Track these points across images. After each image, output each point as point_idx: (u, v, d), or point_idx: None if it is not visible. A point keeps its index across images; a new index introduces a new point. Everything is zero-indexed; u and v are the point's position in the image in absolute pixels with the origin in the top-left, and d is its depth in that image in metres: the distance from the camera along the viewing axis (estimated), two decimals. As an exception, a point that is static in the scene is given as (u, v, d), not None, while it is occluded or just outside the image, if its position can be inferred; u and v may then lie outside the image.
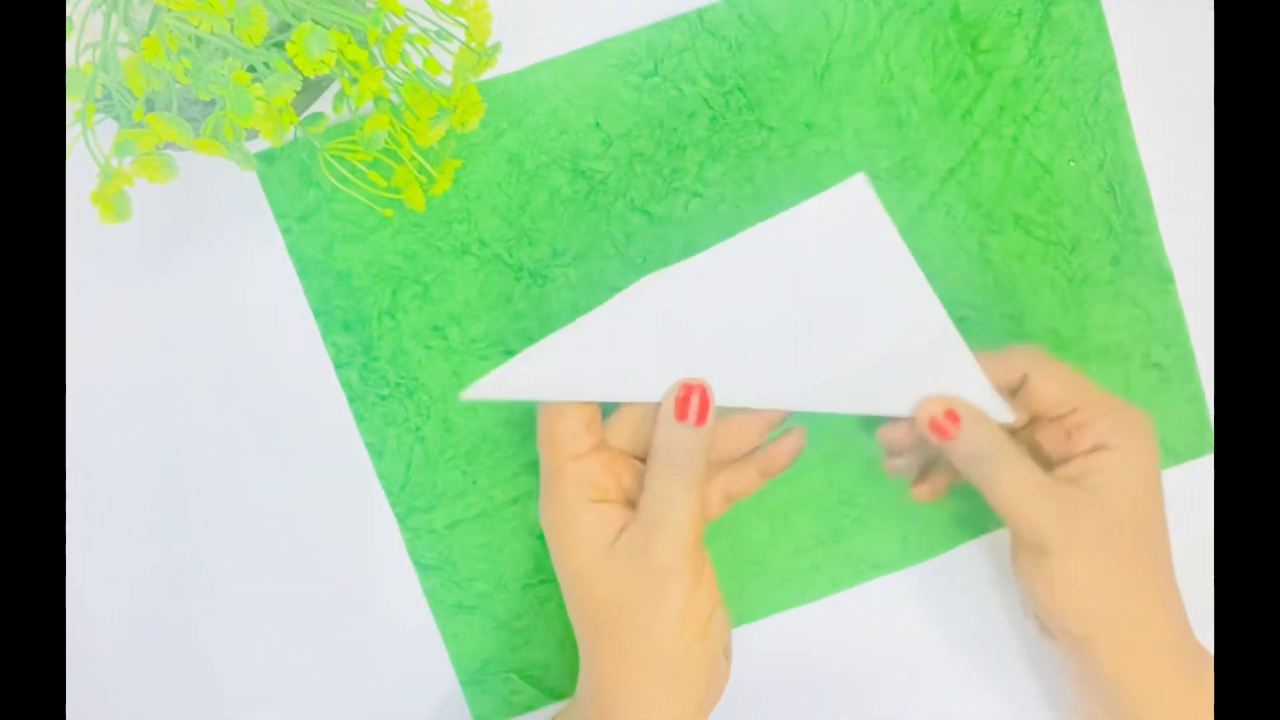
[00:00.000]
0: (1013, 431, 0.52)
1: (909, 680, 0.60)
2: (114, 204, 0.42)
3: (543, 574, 0.59)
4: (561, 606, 0.54)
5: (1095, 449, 0.51)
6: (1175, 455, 0.60)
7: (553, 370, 0.51)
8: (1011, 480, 0.50)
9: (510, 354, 0.57)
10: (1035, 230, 0.59)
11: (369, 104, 0.46)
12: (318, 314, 0.58)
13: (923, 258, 0.58)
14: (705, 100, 0.58)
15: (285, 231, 0.57)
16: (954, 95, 0.58)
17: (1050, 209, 0.59)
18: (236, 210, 0.57)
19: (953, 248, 0.59)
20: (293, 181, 0.57)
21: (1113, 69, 0.58)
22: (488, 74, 0.52)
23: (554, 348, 0.51)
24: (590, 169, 0.58)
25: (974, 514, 0.59)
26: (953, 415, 0.50)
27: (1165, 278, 0.60)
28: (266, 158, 0.56)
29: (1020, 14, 0.58)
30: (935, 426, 0.51)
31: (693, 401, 0.50)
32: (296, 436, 0.58)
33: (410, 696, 0.59)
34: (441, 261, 0.58)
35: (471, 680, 0.59)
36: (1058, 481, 0.51)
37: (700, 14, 0.57)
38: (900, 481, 0.59)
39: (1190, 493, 0.59)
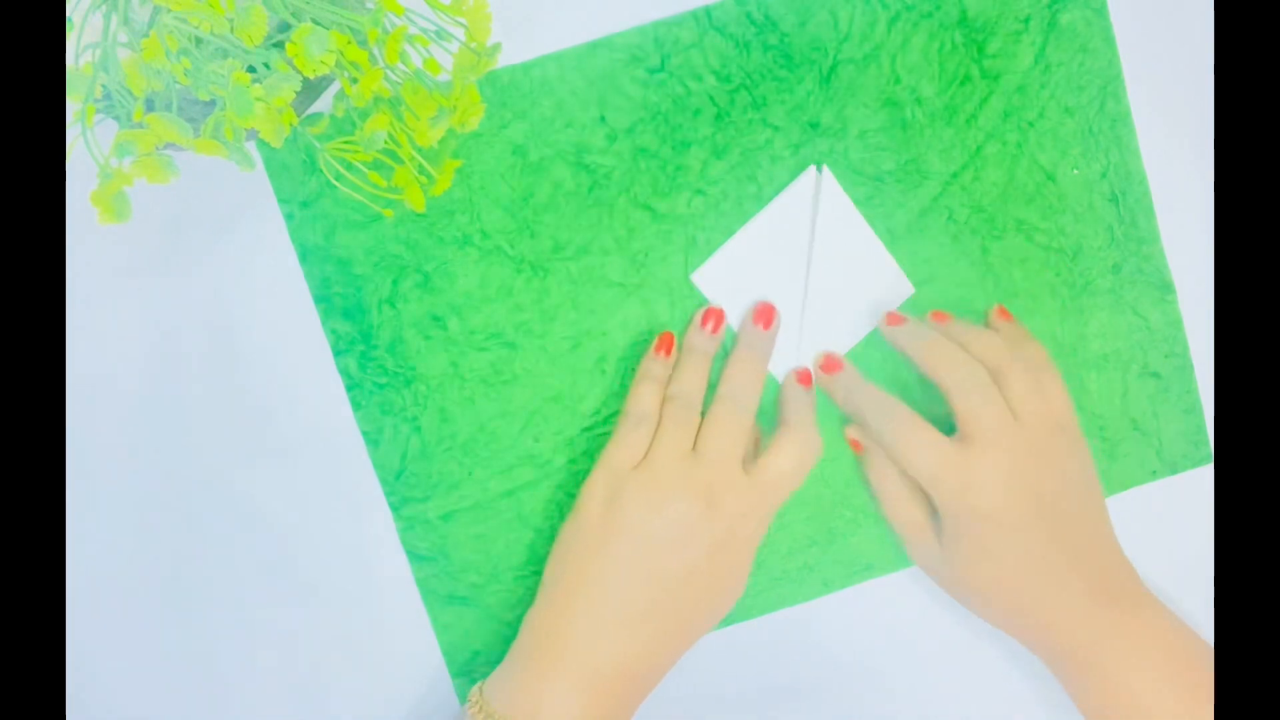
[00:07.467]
0: None
1: (897, 682, 0.61)
2: (114, 204, 0.42)
3: (535, 566, 0.59)
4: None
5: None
6: (1171, 465, 0.60)
7: None
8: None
9: (509, 346, 0.58)
10: (1037, 236, 0.59)
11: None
12: (317, 300, 0.58)
13: (924, 261, 0.58)
14: (711, 97, 0.57)
15: (288, 217, 0.57)
16: (959, 99, 0.58)
17: (1052, 216, 0.59)
18: (238, 198, 0.57)
19: (954, 252, 0.59)
20: (297, 167, 0.57)
21: (1118, 77, 0.58)
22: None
23: None
24: (594, 163, 0.58)
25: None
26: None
27: (1166, 287, 0.59)
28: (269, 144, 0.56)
29: (1028, 20, 0.57)
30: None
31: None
32: (293, 424, 0.58)
33: (400, 686, 0.60)
34: (443, 251, 0.58)
35: (462, 671, 0.60)
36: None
37: (708, 11, 0.57)
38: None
39: (1187, 503, 0.59)
